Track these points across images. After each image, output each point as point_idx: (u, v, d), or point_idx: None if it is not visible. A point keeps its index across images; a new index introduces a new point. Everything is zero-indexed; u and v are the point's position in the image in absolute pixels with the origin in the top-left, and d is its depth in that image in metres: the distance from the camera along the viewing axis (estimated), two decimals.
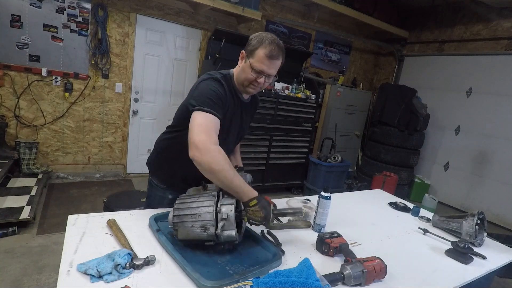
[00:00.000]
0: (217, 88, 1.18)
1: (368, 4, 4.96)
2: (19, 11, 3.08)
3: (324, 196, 1.32)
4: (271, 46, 1.17)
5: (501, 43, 4.34)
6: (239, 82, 1.27)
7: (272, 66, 1.20)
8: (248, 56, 1.21)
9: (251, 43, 1.21)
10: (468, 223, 1.44)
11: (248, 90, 1.27)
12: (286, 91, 3.90)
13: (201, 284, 0.85)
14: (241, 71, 1.25)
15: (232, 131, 1.34)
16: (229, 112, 1.25)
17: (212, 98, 1.13)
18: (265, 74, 1.21)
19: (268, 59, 1.18)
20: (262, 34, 1.22)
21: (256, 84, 1.23)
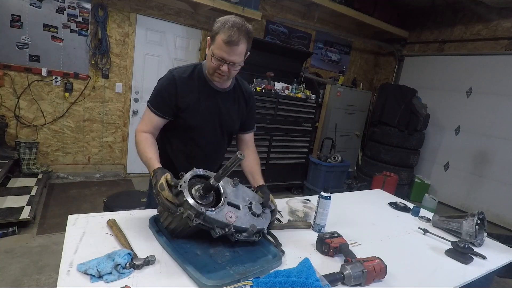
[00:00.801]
0: (164, 84, 1.24)
1: (368, 4, 4.96)
2: (19, 11, 3.08)
3: (324, 196, 1.32)
4: (230, 31, 1.08)
5: (501, 43, 4.34)
6: (207, 71, 1.23)
7: (233, 52, 1.12)
8: (211, 43, 1.16)
9: (213, 28, 1.15)
10: (468, 223, 1.44)
11: (214, 79, 1.24)
12: (286, 91, 3.90)
13: (202, 284, 0.85)
14: (207, 59, 1.21)
15: (205, 119, 1.30)
16: (194, 101, 1.25)
17: (155, 95, 1.25)
18: (226, 62, 1.14)
19: (226, 45, 1.10)
20: (226, 17, 1.14)
21: (220, 72, 1.17)
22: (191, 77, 1.26)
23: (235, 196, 1.09)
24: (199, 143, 1.34)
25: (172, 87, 1.22)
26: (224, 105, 1.33)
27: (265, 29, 4.59)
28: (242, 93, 1.40)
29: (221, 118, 1.34)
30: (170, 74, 1.25)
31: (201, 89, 1.26)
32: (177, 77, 1.23)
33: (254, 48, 4.37)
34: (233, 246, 1.09)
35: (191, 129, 1.30)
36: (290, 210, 1.50)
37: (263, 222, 1.09)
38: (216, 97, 1.29)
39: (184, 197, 0.96)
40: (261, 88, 3.68)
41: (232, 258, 1.03)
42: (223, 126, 1.36)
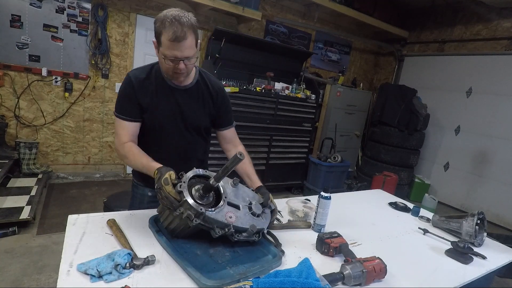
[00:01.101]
0: (122, 88, 1.23)
1: (368, 4, 4.96)
2: (19, 11, 3.08)
3: (324, 196, 1.32)
4: (173, 27, 1.04)
5: (501, 43, 4.34)
6: (165, 73, 1.22)
7: (183, 48, 1.07)
8: (158, 45, 1.12)
9: (155, 29, 1.10)
10: (468, 223, 1.44)
11: (177, 79, 1.21)
12: (286, 91, 3.91)
13: (202, 284, 0.85)
14: (160, 62, 1.18)
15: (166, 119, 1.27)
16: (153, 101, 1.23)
17: (118, 101, 1.24)
18: (180, 59, 1.10)
19: (174, 43, 1.06)
20: (163, 13, 1.09)
21: (178, 71, 1.13)
22: (148, 77, 1.23)
23: (235, 196, 1.09)
24: (168, 143, 1.31)
25: (130, 89, 1.21)
26: (185, 102, 1.28)
27: (265, 29, 4.59)
28: (208, 87, 1.33)
29: (182, 116, 1.29)
30: (127, 77, 1.23)
31: (159, 88, 1.24)
32: (133, 79, 1.21)
33: (254, 48, 4.36)
34: (233, 246, 1.09)
35: (155, 130, 1.28)
36: (290, 210, 1.50)
37: (263, 222, 1.09)
38: (176, 95, 1.26)
39: (184, 197, 0.96)
40: (261, 88, 3.68)
41: (232, 258, 1.03)
42: (187, 123, 1.31)
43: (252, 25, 4.45)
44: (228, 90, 3.38)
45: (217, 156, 3.51)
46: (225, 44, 3.54)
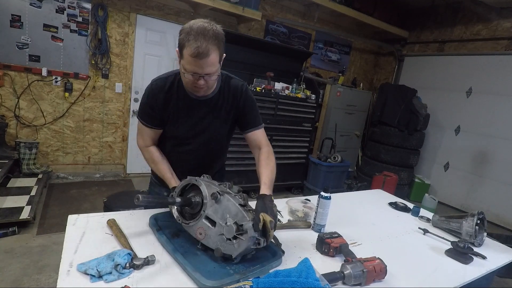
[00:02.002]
0: (147, 96, 1.23)
1: (368, 4, 4.96)
2: (19, 11, 3.08)
3: (324, 196, 1.32)
4: (197, 43, 0.98)
5: (501, 43, 4.34)
6: (185, 86, 1.18)
7: (205, 65, 1.02)
8: (180, 56, 1.06)
9: (179, 40, 1.04)
10: (468, 223, 1.44)
11: (197, 93, 1.17)
12: (286, 91, 3.90)
13: (201, 284, 0.85)
14: (181, 73, 1.13)
15: (187, 130, 1.27)
16: (174, 112, 1.23)
17: (141, 108, 1.26)
18: (200, 75, 1.05)
19: (196, 59, 1.00)
20: (190, 24, 1.02)
21: (197, 85, 1.09)
22: (171, 88, 1.21)
23: (214, 211, 1.01)
24: (187, 152, 1.33)
25: (152, 100, 1.21)
26: (206, 115, 1.26)
27: (265, 29, 4.59)
28: (229, 92, 1.27)
29: (203, 129, 1.28)
30: (150, 86, 1.22)
31: (181, 100, 1.22)
32: (155, 89, 1.20)
33: (254, 48, 4.34)
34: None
35: (176, 139, 1.31)
36: (290, 210, 1.50)
37: (233, 249, 0.94)
38: (197, 107, 1.24)
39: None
40: (261, 88, 3.68)
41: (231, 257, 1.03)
42: (208, 136, 1.31)
43: (252, 25, 4.45)
44: None
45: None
46: (225, 44, 3.54)
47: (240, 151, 3.66)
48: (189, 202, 1.06)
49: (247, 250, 0.96)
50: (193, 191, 1.10)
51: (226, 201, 1.00)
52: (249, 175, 3.81)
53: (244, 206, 1.00)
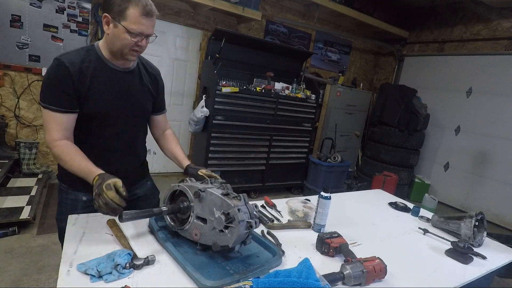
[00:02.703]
0: (54, 74, 1.06)
1: (368, 4, 4.96)
2: (19, 11, 3.08)
3: (324, 196, 1.32)
4: (142, 2, 1.04)
5: (501, 43, 4.34)
6: (115, 51, 1.11)
7: (150, 23, 1.09)
8: (118, 19, 1.04)
9: (115, 2, 1.03)
10: (466, 225, 1.44)
11: (129, 58, 1.13)
12: (286, 91, 3.90)
13: (201, 284, 0.85)
14: (114, 38, 1.08)
15: (113, 104, 1.16)
16: (94, 86, 1.11)
17: (48, 90, 1.07)
18: (145, 35, 1.09)
19: (145, 17, 1.05)
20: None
21: (138, 48, 1.10)
22: (84, 60, 1.10)
23: (201, 209, 1.02)
24: (111, 131, 1.20)
25: (64, 77, 1.05)
26: (129, 85, 1.21)
27: (265, 29, 4.59)
28: (147, 71, 1.29)
29: (128, 100, 1.21)
30: (58, 61, 1.06)
31: (100, 72, 1.12)
32: (68, 64, 1.05)
33: (254, 48, 4.36)
34: None
35: (96, 118, 1.15)
36: (290, 210, 1.50)
37: (228, 238, 0.95)
38: (121, 78, 1.18)
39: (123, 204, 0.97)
40: (261, 88, 3.68)
41: (232, 258, 1.03)
42: (133, 108, 1.23)
43: (252, 25, 4.45)
44: (228, 90, 3.38)
45: (217, 156, 3.53)
46: (225, 44, 3.54)
47: (240, 151, 3.67)
48: (177, 208, 1.06)
49: (241, 235, 0.96)
50: (181, 196, 1.10)
51: (210, 195, 1.00)
52: (249, 175, 3.82)
53: (227, 195, 0.99)
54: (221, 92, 3.35)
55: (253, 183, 3.88)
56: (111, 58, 1.15)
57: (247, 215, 0.97)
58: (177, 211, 1.07)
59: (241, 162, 3.70)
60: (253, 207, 1.02)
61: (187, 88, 4.23)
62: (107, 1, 1.05)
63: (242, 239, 0.98)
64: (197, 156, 3.79)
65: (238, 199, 0.99)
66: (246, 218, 0.95)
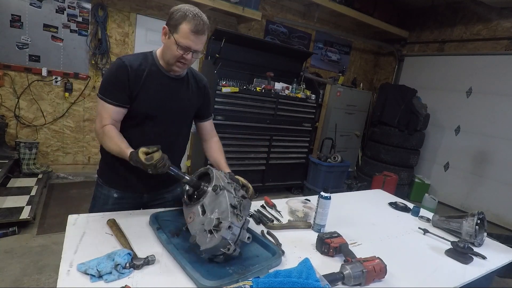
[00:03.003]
0: (114, 71, 1.19)
1: (368, 4, 4.96)
2: (19, 11, 3.08)
3: (324, 196, 1.32)
4: (196, 20, 1.13)
5: (501, 43, 4.34)
6: (166, 60, 1.23)
7: (199, 41, 1.17)
8: (172, 31, 1.16)
9: (173, 17, 1.15)
10: (468, 223, 1.44)
11: (175, 69, 1.24)
12: (286, 91, 3.90)
13: (200, 284, 0.85)
14: (166, 48, 1.20)
15: (161, 107, 1.28)
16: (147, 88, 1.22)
17: (107, 84, 1.20)
18: (192, 50, 1.18)
19: (194, 34, 1.14)
20: (185, 7, 1.16)
21: (184, 61, 1.20)
22: (142, 64, 1.23)
23: (210, 202, 1.05)
24: (154, 131, 1.30)
25: (124, 74, 1.18)
26: (177, 90, 1.31)
27: (265, 29, 4.59)
28: (195, 79, 1.40)
29: (173, 104, 1.31)
30: (120, 61, 1.20)
31: (154, 76, 1.24)
32: (128, 64, 1.18)
33: (254, 48, 4.35)
34: None
35: (148, 118, 1.27)
36: (290, 210, 1.50)
37: (204, 241, 0.95)
38: (171, 84, 1.28)
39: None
40: (261, 88, 3.68)
41: (231, 257, 1.03)
42: (177, 111, 1.34)
43: (252, 25, 4.45)
44: (228, 90, 3.38)
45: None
46: (225, 44, 3.54)
47: (240, 151, 3.67)
48: (198, 186, 1.13)
49: (215, 249, 0.93)
50: (206, 181, 1.14)
51: (222, 197, 1.02)
52: (249, 175, 3.81)
53: (235, 208, 0.99)
54: (221, 92, 3.35)
55: (253, 183, 3.82)
56: (165, 65, 1.25)
57: (233, 237, 0.94)
58: (197, 188, 1.13)
59: (241, 162, 3.70)
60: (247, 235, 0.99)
61: None
62: (169, 16, 1.17)
63: (214, 252, 0.95)
64: (197, 156, 3.79)
65: (240, 218, 0.98)
66: (229, 238, 0.93)
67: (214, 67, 3.43)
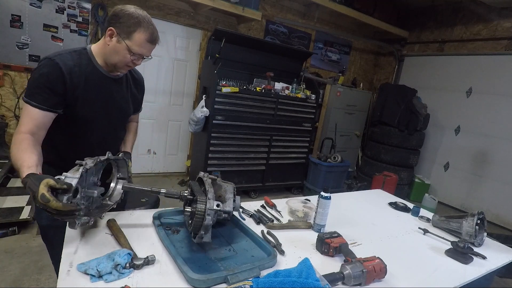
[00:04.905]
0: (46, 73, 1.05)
1: (368, 4, 4.96)
2: (19, 11, 3.08)
3: (324, 196, 1.32)
4: (151, 29, 1.13)
5: (501, 43, 4.34)
6: (111, 62, 1.16)
7: (152, 48, 1.17)
8: (123, 37, 1.10)
9: (124, 22, 1.09)
10: (468, 223, 1.44)
11: (120, 71, 1.22)
12: (286, 91, 3.90)
13: (188, 277, 0.87)
14: (113, 52, 1.13)
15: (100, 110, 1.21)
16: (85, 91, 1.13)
17: (36, 86, 1.05)
18: (144, 57, 1.18)
19: (149, 44, 1.14)
20: (134, 11, 1.11)
21: (132, 65, 1.18)
22: (78, 64, 1.12)
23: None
24: (93, 134, 1.23)
25: (57, 77, 1.06)
26: (119, 93, 1.29)
27: (265, 29, 4.59)
28: (132, 76, 1.38)
29: (114, 105, 1.27)
30: (51, 61, 1.06)
31: (91, 77, 1.16)
32: (62, 65, 1.07)
33: (254, 48, 4.34)
34: (230, 244, 1.12)
35: (86, 124, 1.19)
36: (290, 210, 1.50)
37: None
38: (111, 85, 1.24)
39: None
40: (261, 88, 3.68)
41: (226, 256, 1.05)
42: (117, 112, 1.30)
43: (252, 25, 4.45)
44: (228, 90, 3.38)
45: (217, 156, 3.53)
46: (225, 44, 3.54)
47: (240, 151, 3.67)
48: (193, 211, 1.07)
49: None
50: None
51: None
52: (249, 175, 3.82)
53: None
54: (221, 92, 3.35)
55: (253, 183, 3.88)
56: (105, 66, 1.20)
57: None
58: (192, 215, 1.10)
59: (241, 162, 3.70)
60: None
61: (187, 88, 4.23)
62: (116, 17, 1.11)
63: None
64: (197, 156, 3.79)
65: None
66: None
67: (214, 67, 3.43)
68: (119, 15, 1.10)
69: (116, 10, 1.12)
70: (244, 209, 1.47)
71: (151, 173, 4.25)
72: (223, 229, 1.23)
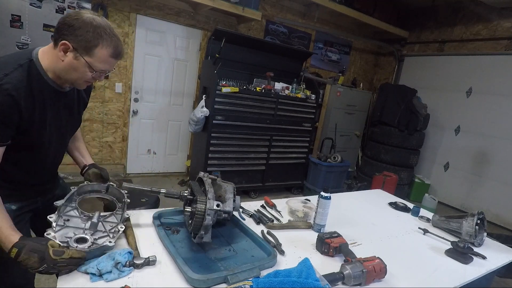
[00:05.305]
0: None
1: (368, 4, 4.96)
2: (19, 11, 3.08)
3: (324, 196, 1.32)
4: (114, 42, 0.96)
5: (501, 43, 4.34)
6: (67, 79, 1.00)
7: (116, 62, 1.03)
8: (82, 53, 0.93)
9: (82, 36, 0.91)
10: (468, 223, 1.44)
11: (79, 87, 1.08)
12: (286, 91, 3.90)
13: (188, 277, 0.87)
14: (70, 68, 0.96)
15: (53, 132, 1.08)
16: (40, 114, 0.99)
17: None
18: (105, 72, 1.03)
19: (114, 60, 1.00)
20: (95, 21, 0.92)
21: (92, 81, 1.04)
22: (29, 83, 0.94)
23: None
24: (47, 156, 1.12)
25: (9, 105, 0.89)
26: (72, 107, 1.15)
27: (265, 29, 4.59)
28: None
29: (70, 122, 1.16)
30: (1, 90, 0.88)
31: (46, 96, 1.00)
32: (12, 90, 0.89)
33: (254, 48, 4.34)
34: (229, 244, 1.13)
35: (39, 146, 1.05)
36: (290, 210, 1.50)
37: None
38: (64, 101, 1.09)
39: None
40: (261, 88, 3.68)
41: (226, 256, 1.05)
42: (72, 129, 1.23)
43: (252, 25, 4.45)
44: (228, 90, 3.38)
45: (217, 156, 3.53)
46: (225, 44, 3.54)
47: (240, 151, 3.67)
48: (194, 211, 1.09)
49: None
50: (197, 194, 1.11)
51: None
52: (249, 175, 3.82)
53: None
54: (221, 92, 3.35)
55: (253, 183, 3.88)
56: (57, 80, 1.02)
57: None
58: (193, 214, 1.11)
59: (241, 162, 3.70)
60: None
61: (187, 88, 4.23)
62: (70, 28, 0.91)
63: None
64: (197, 156, 3.79)
65: None
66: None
67: (214, 67, 3.43)
68: (74, 25, 0.91)
69: (69, 18, 0.92)
70: (244, 209, 1.47)
71: (151, 173, 4.25)
72: (223, 229, 1.23)
